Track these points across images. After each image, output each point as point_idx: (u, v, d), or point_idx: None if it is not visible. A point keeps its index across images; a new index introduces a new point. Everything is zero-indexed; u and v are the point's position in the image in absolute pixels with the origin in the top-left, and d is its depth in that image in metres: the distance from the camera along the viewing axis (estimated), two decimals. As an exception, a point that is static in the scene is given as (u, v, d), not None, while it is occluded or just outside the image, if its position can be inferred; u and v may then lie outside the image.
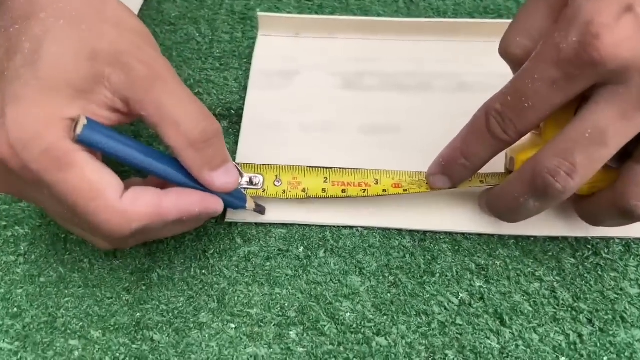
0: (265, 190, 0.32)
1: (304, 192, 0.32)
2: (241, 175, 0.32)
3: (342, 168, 0.33)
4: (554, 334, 0.30)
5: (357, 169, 0.33)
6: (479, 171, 0.31)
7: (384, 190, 0.32)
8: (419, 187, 0.32)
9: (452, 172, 0.31)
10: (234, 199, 0.30)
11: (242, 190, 0.32)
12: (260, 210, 0.33)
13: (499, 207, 0.30)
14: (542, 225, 0.33)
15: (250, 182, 0.32)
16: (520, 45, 0.28)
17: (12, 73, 0.24)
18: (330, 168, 0.33)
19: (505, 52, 0.29)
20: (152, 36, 0.28)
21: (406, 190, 0.32)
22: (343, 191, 0.32)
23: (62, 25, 0.25)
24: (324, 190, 0.33)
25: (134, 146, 0.26)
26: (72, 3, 0.26)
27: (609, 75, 0.24)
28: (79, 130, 0.24)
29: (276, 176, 0.33)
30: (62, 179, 0.24)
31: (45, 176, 0.24)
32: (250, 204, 0.32)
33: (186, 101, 0.26)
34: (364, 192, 0.32)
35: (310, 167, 0.33)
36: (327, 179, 0.33)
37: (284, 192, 0.33)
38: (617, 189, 0.27)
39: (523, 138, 0.28)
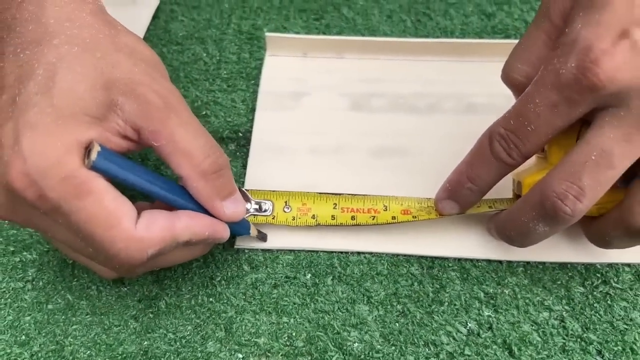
0: (275, 217, 0.32)
1: (314, 218, 0.32)
2: (249, 201, 0.32)
3: (352, 194, 0.33)
4: (563, 366, 0.29)
5: (365, 195, 0.33)
6: (488, 197, 0.31)
7: (393, 217, 0.32)
8: (428, 213, 0.32)
9: (459, 197, 0.31)
10: (239, 226, 0.30)
11: (246, 218, 0.32)
12: (262, 237, 0.33)
13: (508, 231, 0.30)
14: (551, 250, 0.33)
15: (260, 209, 0.32)
16: (521, 71, 0.29)
17: (26, 100, 0.24)
18: (340, 194, 0.33)
19: (507, 78, 0.30)
20: (163, 65, 0.29)
21: (415, 217, 0.32)
22: (352, 218, 0.32)
23: (76, 52, 0.25)
24: (333, 217, 0.32)
25: (145, 175, 0.26)
26: (85, 30, 0.26)
27: (609, 99, 0.25)
28: (93, 156, 0.24)
29: (285, 202, 0.33)
30: (81, 207, 0.24)
31: (63, 204, 0.23)
32: (253, 231, 0.32)
33: (197, 133, 0.27)
34: (373, 219, 0.32)
35: (320, 193, 0.33)
36: (336, 205, 0.33)
37: (294, 219, 0.32)
38: (624, 208, 0.27)
39: (529, 161, 0.29)
